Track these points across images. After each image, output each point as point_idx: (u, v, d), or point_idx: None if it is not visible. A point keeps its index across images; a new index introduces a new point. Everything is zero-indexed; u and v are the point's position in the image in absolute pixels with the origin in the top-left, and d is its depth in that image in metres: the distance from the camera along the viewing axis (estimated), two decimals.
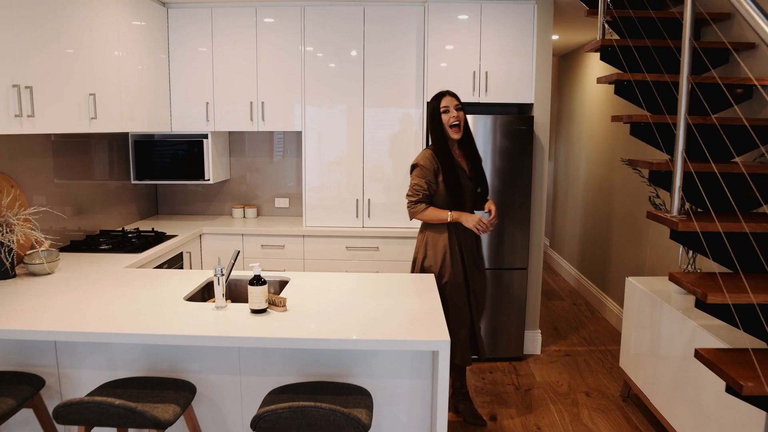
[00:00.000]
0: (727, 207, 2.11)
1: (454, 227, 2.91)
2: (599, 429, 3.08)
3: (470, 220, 2.83)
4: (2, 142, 2.85)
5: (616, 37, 2.97)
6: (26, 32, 2.50)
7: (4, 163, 2.86)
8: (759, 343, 1.94)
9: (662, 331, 2.89)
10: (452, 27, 3.79)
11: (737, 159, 2.60)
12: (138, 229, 3.73)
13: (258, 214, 4.54)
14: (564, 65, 6.40)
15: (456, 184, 2.86)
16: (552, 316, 4.88)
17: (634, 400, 3.39)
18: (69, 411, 1.76)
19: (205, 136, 4.08)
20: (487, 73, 3.80)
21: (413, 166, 2.93)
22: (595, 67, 5.27)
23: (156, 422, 1.78)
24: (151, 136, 4.11)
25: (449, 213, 2.85)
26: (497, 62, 3.80)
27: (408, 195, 2.92)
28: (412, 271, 3.02)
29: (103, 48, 3.14)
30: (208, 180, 4.11)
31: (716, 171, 1.93)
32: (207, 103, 4.05)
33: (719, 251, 1.90)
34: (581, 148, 5.68)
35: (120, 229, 3.82)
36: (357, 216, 4.09)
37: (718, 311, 1.79)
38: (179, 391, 1.99)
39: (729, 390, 1.66)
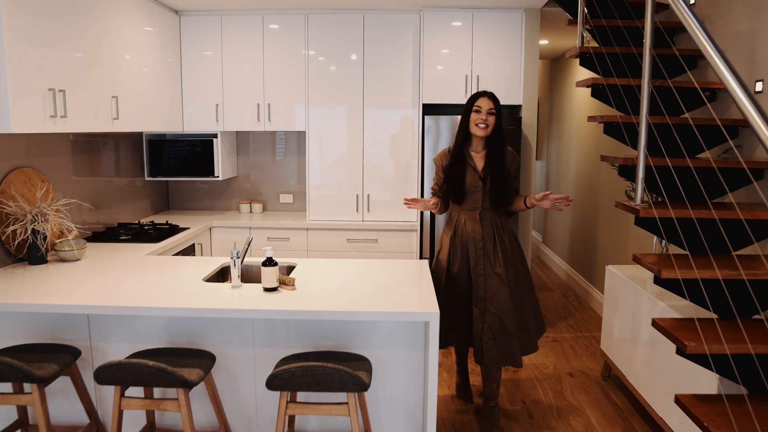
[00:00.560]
0: (695, 196, 2.38)
1: (463, 223, 2.92)
2: (580, 404, 3.35)
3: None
4: (29, 141, 3.11)
5: (595, 44, 3.25)
6: (59, 40, 2.77)
7: (31, 160, 3.13)
8: (709, 314, 2.21)
9: (636, 313, 3.16)
10: (446, 33, 4.06)
11: (706, 153, 2.87)
12: (153, 222, 4.00)
13: (264, 209, 4.80)
14: (555, 68, 6.67)
15: (457, 180, 2.88)
16: (542, 306, 5.15)
17: (614, 380, 3.66)
18: (109, 371, 2.02)
19: (215, 136, 4.35)
20: (478, 76, 4.07)
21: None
22: (581, 70, 5.54)
23: (184, 382, 2.05)
24: (162, 135, 4.38)
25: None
26: (488, 66, 4.07)
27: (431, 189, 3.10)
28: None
29: (122, 53, 3.41)
30: (218, 177, 4.38)
31: (670, 165, 2.20)
32: (217, 105, 4.32)
33: (674, 235, 2.17)
34: (571, 147, 5.95)
35: (137, 221, 4.09)
36: (357, 210, 4.36)
37: (672, 285, 2.07)
38: (201, 359, 2.26)
39: (678, 352, 1.94)
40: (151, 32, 3.81)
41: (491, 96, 2.88)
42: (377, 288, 2.50)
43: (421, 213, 4.19)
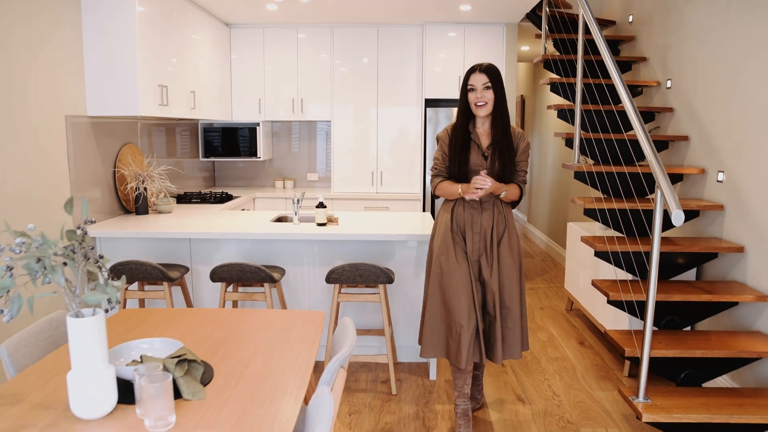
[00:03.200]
0: (629, 161, 3.43)
1: (461, 207, 2.62)
2: (547, 326, 4.40)
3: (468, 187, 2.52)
4: (122, 125, 4.15)
5: (556, 52, 4.31)
6: (163, 48, 3.81)
7: (128, 139, 4.16)
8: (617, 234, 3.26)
9: (588, 256, 4.22)
10: (443, 42, 5.12)
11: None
12: (211, 191, 5.04)
13: (295, 186, 5.85)
14: (537, 70, 7.74)
15: (461, 159, 2.60)
16: (525, 269, 6.20)
17: (575, 312, 4.71)
18: (222, 270, 3.07)
19: (258, 124, 5.39)
20: None
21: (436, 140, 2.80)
22: None
23: (271, 278, 3.09)
24: (211, 123, 5.42)
25: (460, 186, 2.57)
26: None
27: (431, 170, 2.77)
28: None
29: (194, 58, 4.46)
30: (260, 157, 5.42)
31: (591, 138, 3.26)
32: (259, 99, 5.37)
33: (596, 185, 3.23)
34: (549, 138, 7.01)
35: (198, 191, 5.13)
36: (372, 184, 5.42)
37: (593, 215, 3.12)
38: (278, 268, 3.31)
39: (596, 254, 3.00)
40: (209, 41, 4.86)
41: (484, 69, 2.53)
42: (394, 224, 3.55)
43: (423, 185, 5.24)
